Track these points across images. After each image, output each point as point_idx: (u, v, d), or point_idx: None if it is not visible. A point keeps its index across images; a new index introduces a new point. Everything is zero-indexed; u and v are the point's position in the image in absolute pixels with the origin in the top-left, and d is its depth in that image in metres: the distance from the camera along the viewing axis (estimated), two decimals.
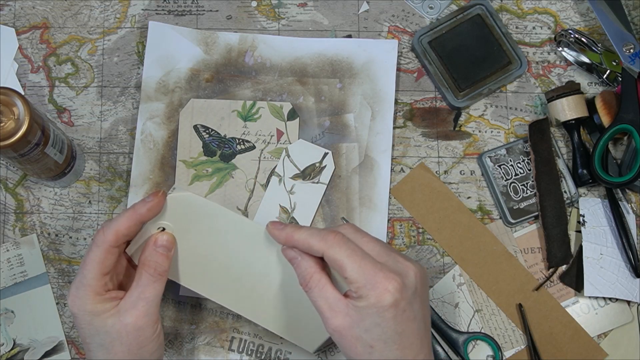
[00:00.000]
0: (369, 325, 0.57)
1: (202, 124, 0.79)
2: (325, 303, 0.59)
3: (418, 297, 0.59)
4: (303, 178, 0.78)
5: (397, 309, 0.57)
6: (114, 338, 0.60)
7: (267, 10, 0.83)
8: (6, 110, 0.66)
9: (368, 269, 0.57)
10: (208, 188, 0.78)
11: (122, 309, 0.61)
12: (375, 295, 0.56)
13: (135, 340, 0.61)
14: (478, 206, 0.79)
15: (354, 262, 0.57)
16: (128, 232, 0.63)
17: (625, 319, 0.77)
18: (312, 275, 0.60)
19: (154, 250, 0.64)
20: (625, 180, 0.75)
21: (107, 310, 0.61)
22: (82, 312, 0.61)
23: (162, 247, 0.64)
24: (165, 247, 0.64)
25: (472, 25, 0.81)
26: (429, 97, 0.81)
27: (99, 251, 0.61)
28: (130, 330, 0.60)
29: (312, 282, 0.59)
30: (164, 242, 0.64)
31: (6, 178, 0.79)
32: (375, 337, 0.57)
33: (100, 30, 0.82)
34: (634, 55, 0.77)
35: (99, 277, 0.61)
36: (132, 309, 0.61)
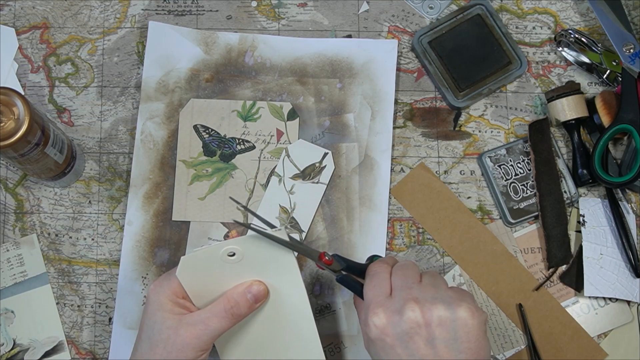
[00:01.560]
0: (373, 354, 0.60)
1: (202, 124, 0.79)
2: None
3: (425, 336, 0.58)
4: (303, 178, 0.78)
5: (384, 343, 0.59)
6: (162, 339, 0.61)
7: (267, 10, 0.83)
8: (6, 110, 0.66)
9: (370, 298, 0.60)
10: (208, 188, 0.78)
11: (184, 320, 0.62)
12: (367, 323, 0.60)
13: (175, 354, 0.61)
14: (478, 206, 0.79)
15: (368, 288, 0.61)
16: None
17: (625, 319, 0.77)
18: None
19: (244, 292, 0.63)
20: (625, 180, 0.75)
21: (173, 312, 0.62)
22: (154, 300, 0.62)
23: (251, 294, 0.63)
24: (254, 296, 0.63)
25: (472, 25, 0.81)
26: (429, 97, 0.81)
27: None
28: (178, 342, 0.61)
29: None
30: (255, 291, 0.63)
31: (6, 178, 0.79)
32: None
33: (100, 30, 0.82)
34: (634, 55, 0.77)
35: None
36: (191, 326, 0.62)
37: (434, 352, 0.57)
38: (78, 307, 0.77)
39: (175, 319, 0.61)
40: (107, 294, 0.77)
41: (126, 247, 0.77)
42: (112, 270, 0.77)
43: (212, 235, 0.77)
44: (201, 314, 0.62)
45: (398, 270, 0.62)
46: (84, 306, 0.77)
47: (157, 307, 0.62)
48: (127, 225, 0.77)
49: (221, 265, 0.62)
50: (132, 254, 0.77)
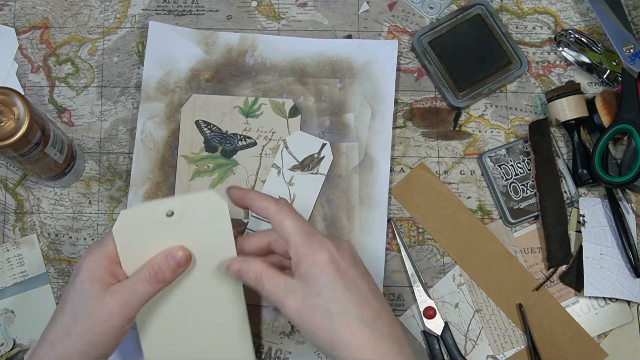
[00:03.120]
0: (318, 288, 0.59)
1: (203, 120, 0.79)
2: (278, 290, 0.60)
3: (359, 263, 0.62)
4: (302, 169, 0.78)
5: (337, 265, 0.59)
6: (86, 309, 0.60)
7: (267, 10, 0.83)
8: (6, 110, 0.66)
9: (306, 232, 0.61)
10: (209, 184, 0.78)
11: (110, 289, 0.61)
12: (312, 253, 0.59)
13: (102, 324, 0.60)
14: (478, 206, 0.79)
15: (295, 221, 0.61)
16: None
17: (625, 319, 0.77)
18: (262, 271, 0.62)
19: (166, 257, 0.63)
20: (625, 180, 0.75)
21: (102, 281, 0.61)
22: (85, 268, 0.61)
23: (173, 259, 0.63)
24: (177, 262, 0.63)
25: (472, 25, 0.81)
26: (429, 97, 0.81)
27: None
28: (104, 310, 0.60)
29: (262, 278, 0.61)
30: (179, 257, 0.63)
31: (6, 178, 0.79)
32: (327, 297, 0.58)
33: (100, 30, 0.82)
34: (634, 55, 0.77)
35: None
36: (117, 293, 0.61)
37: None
38: None
39: (102, 288, 0.61)
40: None
41: None
42: None
43: None
44: (127, 282, 0.62)
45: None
46: None
47: (87, 276, 0.61)
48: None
49: (159, 226, 0.63)
50: None
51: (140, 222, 0.63)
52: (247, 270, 0.62)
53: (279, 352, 0.76)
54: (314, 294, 0.58)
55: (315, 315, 0.58)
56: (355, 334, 0.57)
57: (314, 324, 0.58)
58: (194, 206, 0.63)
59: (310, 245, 0.60)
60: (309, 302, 0.58)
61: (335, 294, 0.58)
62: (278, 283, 0.60)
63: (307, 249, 0.60)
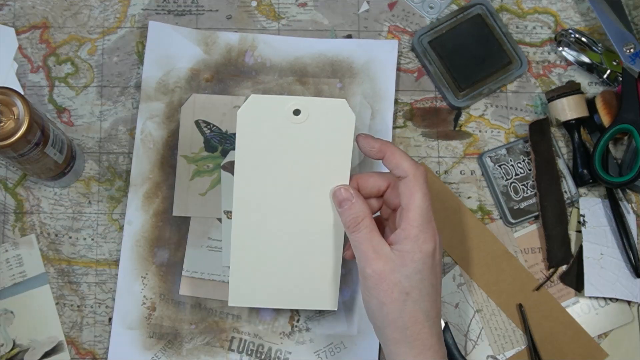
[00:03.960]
0: (410, 272, 0.59)
1: (203, 120, 0.79)
2: (370, 246, 0.60)
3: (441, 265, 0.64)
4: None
5: (434, 260, 0.61)
6: None
7: (267, 10, 0.83)
8: (6, 110, 0.66)
9: (428, 216, 0.61)
10: (209, 184, 0.78)
11: None
12: (424, 240, 0.60)
13: None
14: (478, 206, 0.79)
15: (424, 201, 0.60)
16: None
17: (625, 319, 0.77)
18: (364, 218, 0.62)
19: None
20: (626, 180, 0.75)
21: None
22: None
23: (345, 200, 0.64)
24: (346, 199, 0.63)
25: (473, 25, 0.81)
26: (429, 97, 0.81)
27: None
28: None
29: (362, 224, 0.61)
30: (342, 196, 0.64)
31: (6, 178, 0.79)
32: (413, 284, 0.60)
33: (100, 30, 0.82)
34: (634, 55, 0.77)
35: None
36: None
37: None
38: (78, 307, 0.77)
39: None
40: (107, 294, 0.77)
41: (126, 247, 0.77)
42: (111, 270, 0.77)
43: (212, 235, 0.77)
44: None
45: None
46: (83, 306, 0.77)
47: None
48: (127, 225, 0.77)
49: (283, 120, 0.63)
50: (132, 253, 0.77)
51: (266, 111, 0.63)
52: (351, 206, 0.63)
53: (279, 352, 0.76)
54: (405, 275, 0.59)
55: (394, 291, 0.59)
56: (418, 324, 0.60)
57: (388, 297, 0.60)
58: (322, 110, 0.63)
59: (425, 231, 0.60)
60: (395, 278, 0.59)
61: (421, 284, 0.60)
62: (375, 239, 0.61)
63: (422, 233, 0.60)
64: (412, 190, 0.60)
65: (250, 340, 0.76)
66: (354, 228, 0.62)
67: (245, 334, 0.76)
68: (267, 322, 0.76)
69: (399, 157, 0.62)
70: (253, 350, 0.76)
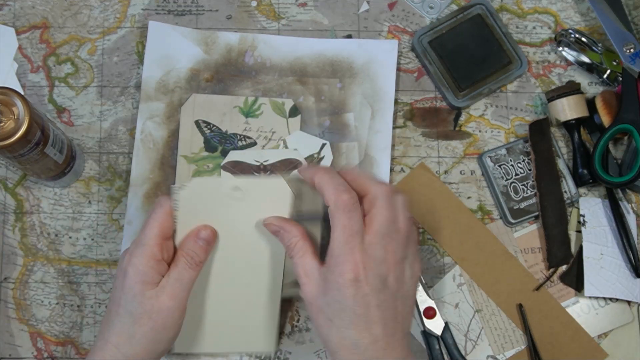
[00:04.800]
0: (330, 299, 0.59)
1: (203, 120, 0.79)
2: (302, 269, 0.61)
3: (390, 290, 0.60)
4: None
5: (358, 289, 0.58)
6: (145, 311, 0.62)
7: (267, 10, 0.83)
8: (6, 110, 0.66)
9: (347, 244, 0.58)
10: None
11: (162, 285, 0.63)
12: (340, 269, 0.58)
13: (162, 320, 0.63)
14: (478, 206, 0.79)
15: (343, 232, 0.59)
16: None
17: (625, 319, 0.77)
18: (297, 243, 0.62)
19: (195, 241, 0.65)
20: (626, 180, 0.75)
21: (154, 281, 0.63)
22: (133, 272, 0.62)
23: (202, 239, 0.65)
24: (206, 241, 0.66)
25: (472, 25, 0.81)
26: (429, 97, 0.81)
27: (161, 212, 0.64)
28: (162, 309, 0.62)
29: (295, 249, 0.62)
30: (205, 236, 0.66)
31: (6, 178, 0.79)
32: (334, 312, 0.59)
33: (100, 30, 0.82)
34: (634, 55, 0.77)
35: (157, 240, 0.63)
36: (169, 286, 0.63)
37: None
38: (78, 307, 0.77)
39: (153, 288, 0.62)
40: (107, 294, 0.77)
41: (126, 247, 0.77)
42: (112, 270, 0.77)
43: None
44: (172, 275, 0.63)
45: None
46: (83, 306, 0.77)
47: (137, 280, 0.62)
48: (127, 225, 0.77)
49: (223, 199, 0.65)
50: None
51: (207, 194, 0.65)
52: (284, 232, 0.64)
53: (279, 352, 0.76)
54: (326, 302, 0.59)
55: (320, 316, 0.60)
56: (345, 350, 0.59)
57: (316, 321, 0.61)
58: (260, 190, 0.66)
59: (343, 263, 0.58)
60: (319, 303, 0.60)
61: (342, 313, 0.59)
62: (307, 263, 0.61)
63: (338, 265, 0.58)
64: (333, 220, 0.60)
65: None
66: (289, 254, 0.63)
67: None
68: None
69: (322, 186, 0.61)
70: None
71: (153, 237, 0.63)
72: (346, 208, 0.59)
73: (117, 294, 0.63)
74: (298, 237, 0.63)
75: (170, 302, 0.63)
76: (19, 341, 0.76)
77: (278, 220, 0.64)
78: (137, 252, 0.63)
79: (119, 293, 0.63)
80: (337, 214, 0.59)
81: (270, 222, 0.65)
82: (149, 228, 0.63)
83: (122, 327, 0.62)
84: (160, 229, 0.64)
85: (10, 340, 0.76)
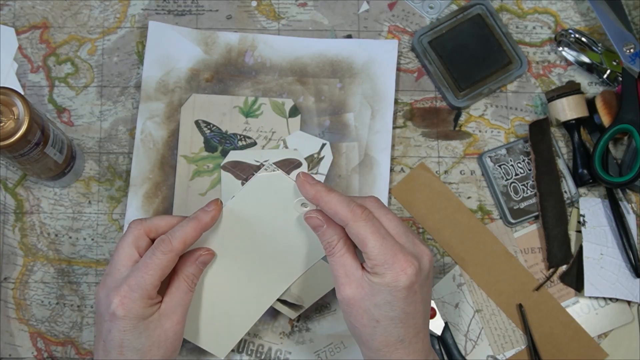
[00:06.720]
0: (379, 302, 0.58)
1: (203, 120, 0.79)
2: (342, 270, 0.60)
3: (429, 280, 0.61)
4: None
5: (410, 291, 0.58)
6: (153, 342, 0.61)
7: (267, 10, 0.83)
8: (6, 110, 0.66)
9: (388, 249, 0.58)
10: (209, 184, 0.78)
11: (164, 313, 0.62)
12: (392, 275, 0.58)
13: (171, 345, 0.62)
14: (478, 206, 0.79)
15: (375, 239, 0.58)
16: (193, 241, 0.63)
17: (625, 319, 0.77)
18: (337, 242, 0.61)
19: (194, 264, 0.64)
20: (626, 180, 0.75)
21: (152, 313, 0.62)
22: (130, 315, 0.60)
23: (201, 263, 0.65)
24: (204, 264, 0.65)
25: (472, 25, 0.81)
26: (429, 97, 0.81)
27: (165, 258, 0.61)
28: (169, 335, 0.62)
29: (335, 248, 0.61)
30: (204, 260, 0.65)
31: (6, 178, 0.79)
32: (383, 313, 0.59)
33: (100, 30, 0.82)
34: (634, 55, 0.77)
35: (157, 283, 0.61)
36: (172, 314, 0.62)
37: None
38: (78, 307, 0.77)
39: (155, 317, 0.62)
40: None
41: None
42: None
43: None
44: (173, 299, 0.63)
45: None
46: (83, 306, 0.77)
47: (135, 320, 0.60)
48: (127, 225, 0.77)
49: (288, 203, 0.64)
50: None
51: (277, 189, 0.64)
52: (323, 232, 0.62)
53: (279, 352, 0.76)
54: (373, 304, 0.59)
55: (364, 317, 0.59)
56: (390, 346, 0.59)
57: (359, 322, 0.60)
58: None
59: (391, 267, 0.58)
60: (364, 305, 0.59)
61: (391, 313, 0.59)
62: (347, 263, 0.60)
63: (388, 270, 0.58)
64: (358, 236, 0.59)
65: (250, 340, 0.76)
66: (328, 252, 0.62)
67: (246, 334, 0.76)
68: (267, 322, 0.76)
69: (334, 206, 0.60)
70: (253, 350, 0.76)
71: (153, 282, 0.61)
72: (367, 217, 0.59)
73: (115, 337, 0.61)
74: (340, 235, 0.61)
75: (176, 326, 0.62)
76: (19, 341, 0.76)
77: (323, 215, 0.62)
78: (134, 295, 0.60)
79: (117, 335, 0.60)
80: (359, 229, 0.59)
81: (313, 216, 0.62)
82: (150, 273, 0.61)
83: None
84: (162, 274, 0.61)
85: (10, 340, 0.76)
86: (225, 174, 0.78)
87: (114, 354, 0.61)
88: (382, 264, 0.58)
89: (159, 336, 0.61)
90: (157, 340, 0.61)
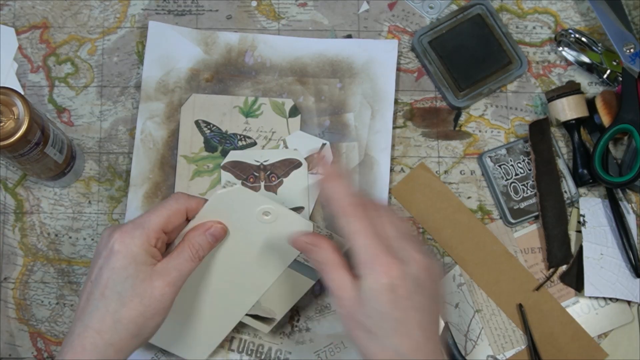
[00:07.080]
0: (368, 310, 0.58)
1: (203, 119, 0.79)
2: (334, 284, 0.59)
3: (422, 289, 0.59)
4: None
5: (393, 294, 0.57)
6: (136, 293, 0.59)
7: (267, 10, 0.83)
8: (6, 110, 0.66)
9: (372, 248, 0.57)
10: (209, 184, 0.78)
11: (156, 270, 0.61)
12: (373, 276, 0.57)
13: (154, 306, 0.60)
14: (478, 206, 0.79)
15: (364, 237, 0.58)
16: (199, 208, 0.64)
17: (625, 319, 0.77)
18: (328, 257, 0.60)
19: (204, 234, 0.64)
20: (626, 180, 0.75)
21: (147, 263, 0.60)
22: (125, 251, 0.59)
23: (212, 235, 0.64)
24: (214, 237, 0.64)
25: (472, 25, 0.81)
26: (429, 97, 0.81)
27: (175, 205, 0.62)
28: (155, 294, 0.60)
29: (328, 264, 0.60)
30: (215, 232, 0.64)
31: (6, 178, 0.79)
32: (375, 322, 0.58)
33: (100, 30, 0.82)
34: (634, 55, 0.77)
35: (158, 229, 0.61)
36: (166, 274, 0.61)
37: None
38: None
39: (148, 270, 0.60)
40: None
41: None
42: None
43: None
44: (171, 261, 0.61)
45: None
46: None
47: (130, 260, 0.59)
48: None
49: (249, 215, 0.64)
50: None
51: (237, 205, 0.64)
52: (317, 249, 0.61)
53: (279, 352, 0.76)
54: (365, 314, 0.58)
55: (358, 329, 0.58)
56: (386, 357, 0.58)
57: (353, 333, 0.59)
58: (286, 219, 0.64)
59: (373, 268, 0.57)
60: (357, 317, 0.58)
61: (381, 322, 0.58)
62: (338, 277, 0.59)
63: (371, 271, 0.57)
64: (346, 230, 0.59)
65: (250, 340, 0.76)
66: (320, 269, 0.61)
67: (245, 334, 0.76)
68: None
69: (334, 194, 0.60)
70: (253, 350, 0.76)
71: (157, 223, 0.61)
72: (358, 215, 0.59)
73: (103, 274, 0.59)
74: (329, 251, 0.60)
75: (165, 288, 0.60)
76: (19, 341, 0.76)
77: (309, 236, 0.61)
78: (135, 232, 0.60)
79: (105, 273, 0.59)
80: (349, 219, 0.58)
81: (299, 239, 0.62)
82: (156, 215, 0.61)
83: (107, 311, 0.59)
84: (167, 219, 0.61)
85: (10, 340, 0.76)
86: (225, 174, 0.78)
87: (96, 294, 0.60)
88: (364, 262, 0.58)
89: (144, 290, 0.59)
90: (141, 293, 0.59)
